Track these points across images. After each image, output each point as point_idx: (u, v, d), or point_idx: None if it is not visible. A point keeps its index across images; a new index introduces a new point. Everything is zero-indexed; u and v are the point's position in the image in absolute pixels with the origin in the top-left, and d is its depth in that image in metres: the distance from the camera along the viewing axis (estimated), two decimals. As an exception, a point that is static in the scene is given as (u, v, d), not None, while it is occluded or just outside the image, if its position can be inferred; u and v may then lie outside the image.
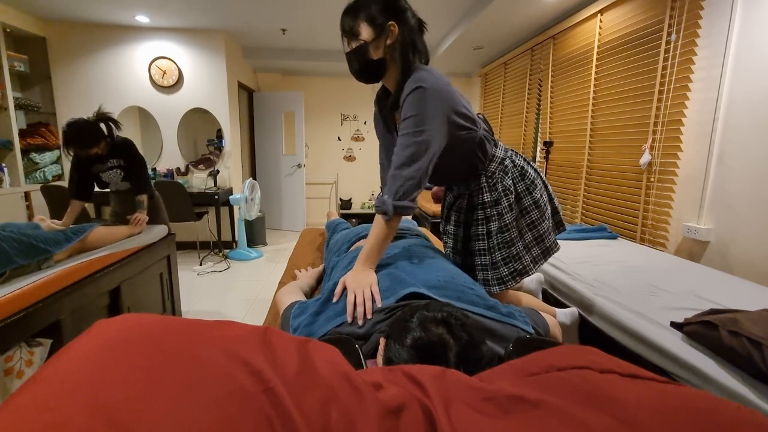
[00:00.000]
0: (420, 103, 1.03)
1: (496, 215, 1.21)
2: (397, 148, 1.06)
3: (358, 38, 1.08)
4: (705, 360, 1.00)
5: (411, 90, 1.03)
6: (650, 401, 0.44)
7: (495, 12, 3.06)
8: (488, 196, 1.22)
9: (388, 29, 1.07)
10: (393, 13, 1.07)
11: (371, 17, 1.06)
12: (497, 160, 1.23)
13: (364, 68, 1.12)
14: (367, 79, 1.16)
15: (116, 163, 2.19)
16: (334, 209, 5.93)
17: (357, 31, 1.08)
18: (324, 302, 0.95)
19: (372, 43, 1.08)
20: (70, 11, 3.54)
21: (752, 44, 1.75)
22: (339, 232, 1.76)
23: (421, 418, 0.44)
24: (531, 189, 1.24)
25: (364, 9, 1.07)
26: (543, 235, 1.27)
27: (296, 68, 5.22)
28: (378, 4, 1.07)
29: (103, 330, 0.45)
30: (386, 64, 1.11)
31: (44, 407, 0.34)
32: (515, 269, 1.23)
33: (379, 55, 1.09)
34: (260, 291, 3.25)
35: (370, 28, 1.07)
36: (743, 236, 1.80)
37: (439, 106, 1.04)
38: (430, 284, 0.93)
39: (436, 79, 1.06)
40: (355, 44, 1.09)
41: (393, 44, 1.08)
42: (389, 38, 1.08)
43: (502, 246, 1.22)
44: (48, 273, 1.50)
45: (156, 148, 4.28)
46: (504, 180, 1.21)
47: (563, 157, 3.25)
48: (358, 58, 1.11)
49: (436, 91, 1.03)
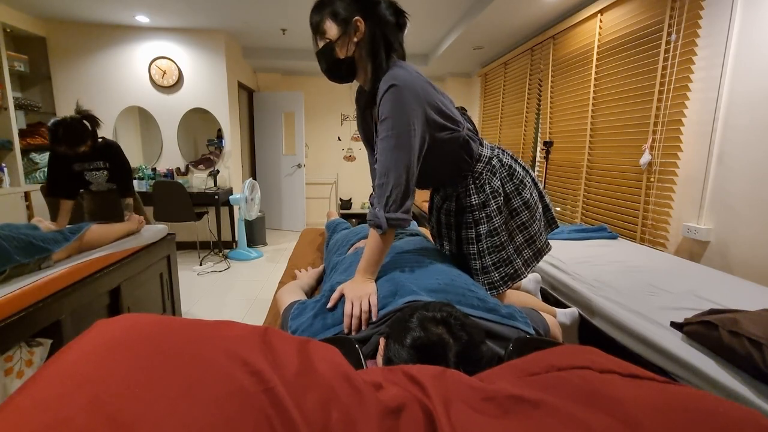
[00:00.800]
0: (395, 102, 0.97)
1: (485, 218, 1.16)
2: (378, 153, 1.01)
3: (324, 36, 1.03)
4: (705, 360, 1.00)
5: (385, 89, 0.98)
6: (650, 401, 0.44)
7: (495, 12, 3.06)
8: (476, 199, 1.17)
9: (353, 25, 1.01)
10: (360, 8, 1.01)
11: (335, 13, 1.01)
12: (484, 159, 1.17)
13: (332, 68, 1.07)
14: (339, 79, 1.11)
15: (103, 165, 2.21)
16: (334, 209, 5.93)
17: (323, 28, 1.03)
18: (323, 305, 0.95)
19: (337, 42, 1.02)
20: (70, 11, 3.54)
21: (752, 44, 1.75)
22: (339, 232, 1.76)
23: (421, 418, 0.44)
24: (520, 189, 1.19)
25: (329, 5, 1.01)
26: (534, 236, 1.23)
27: (296, 68, 5.23)
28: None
29: (103, 330, 0.45)
30: (355, 63, 1.05)
31: (44, 407, 0.34)
32: (506, 274, 1.20)
33: (346, 54, 1.04)
34: (260, 291, 3.25)
35: (334, 25, 1.01)
36: (743, 236, 1.80)
37: (416, 104, 0.98)
38: (430, 288, 0.92)
39: (411, 76, 1.00)
40: (322, 43, 1.04)
41: (360, 41, 1.02)
42: (356, 35, 1.02)
43: (492, 250, 1.18)
44: (48, 273, 1.50)
45: (156, 148, 4.28)
46: (492, 181, 1.16)
47: (563, 157, 3.25)
48: (325, 57, 1.05)
49: (411, 88, 0.98)
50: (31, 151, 3.70)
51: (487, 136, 4.98)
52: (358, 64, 1.06)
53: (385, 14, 1.03)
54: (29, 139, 3.66)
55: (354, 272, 1.03)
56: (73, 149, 2.02)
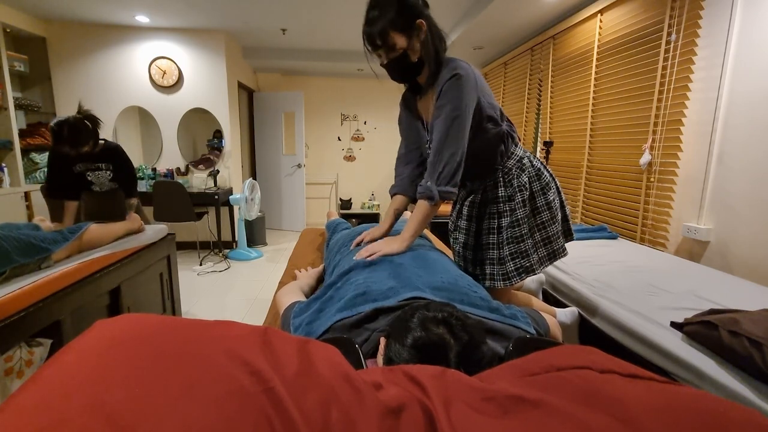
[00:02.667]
0: (458, 88, 1.08)
1: (509, 210, 1.23)
2: (436, 132, 1.11)
3: (395, 48, 1.11)
4: (705, 360, 1.00)
5: (449, 77, 1.09)
6: (650, 401, 0.44)
7: (495, 12, 3.06)
8: (503, 191, 1.23)
9: (418, 28, 1.10)
10: (415, 12, 1.10)
11: (395, 23, 1.08)
12: (516, 157, 1.25)
13: (406, 74, 1.18)
14: (408, 80, 1.23)
15: (106, 166, 2.21)
16: (334, 209, 5.93)
17: (391, 42, 1.10)
18: (325, 301, 0.95)
19: (409, 49, 1.11)
20: (70, 11, 3.54)
21: (752, 44, 1.75)
22: (339, 232, 1.76)
23: (421, 418, 0.44)
24: (545, 190, 1.25)
25: (385, 17, 1.08)
26: (551, 237, 1.27)
27: (296, 68, 5.22)
28: (395, 7, 1.07)
29: (103, 330, 0.45)
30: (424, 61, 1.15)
31: (44, 407, 0.34)
32: (521, 266, 1.23)
33: (417, 56, 1.13)
34: (260, 291, 3.25)
35: (400, 35, 1.10)
36: (743, 236, 1.80)
37: (474, 93, 1.11)
38: (433, 286, 0.93)
39: (470, 68, 1.13)
40: (393, 54, 1.12)
41: (425, 41, 1.12)
42: (420, 36, 1.11)
43: (512, 241, 1.23)
44: (48, 273, 1.50)
45: (156, 148, 4.28)
46: (520, 177, 1.23)
47: (563, 157, 3.25)
48: (400, 66, 1.15)
49: (471, 79, 1.10)
50: (31, 151, 3.70)
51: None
52: (425, 60, 1.14)
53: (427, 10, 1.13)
54: (29, 139, 3.66)
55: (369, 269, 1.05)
56: (76, 149, 2.01)
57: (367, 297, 0.90)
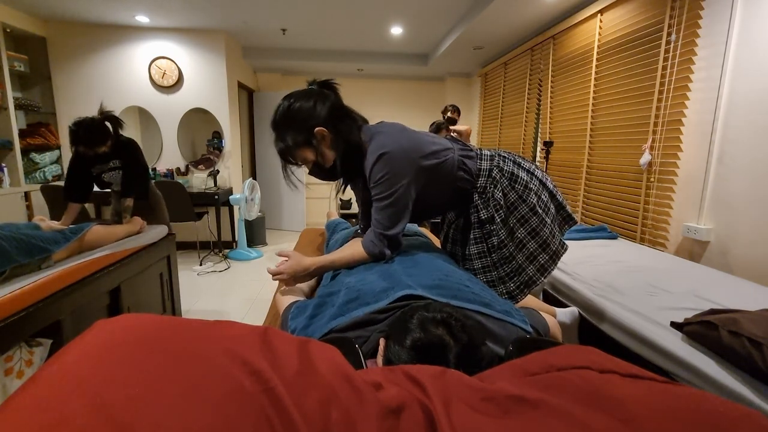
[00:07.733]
0: (387, 167, 1.03)
1: (492, 232, 1.19)
2: (375, 212, 1.09)
3: (307, 162, 1.10)
4: (705, 360, 1.00)
5: (375, 159, 1.04)
6: (650, 401, 0.44)
7: (495, 12, 3.06)
8: (484, 213, 1.19)
9: (318, 136, 1.06)
10: (311, 123, 1.05)
11: (302, 142, 1.06)
12: (484, 173, 1.19)
13: (329, 175, 1.16)
14: (336, 177, 1.19)
15: (117, 164, 2.19)
16: (334, 209, 5.93)
17: (301, 158, 1.10)
18: (318, 306, 0.95)
19: (320, 156, 1.09)
20: (70, 11, 3.54)
21: (752, 44, 1.75)
22: (339, 232, 1.76)
23: (421, 418, 0.44)
24: (525, 196, 1.18)
25: (286, 140, 1.07)
26: (547, 240, 1.21)
27: (296, 68, 5.22)
28: (291, 126, 1.06)
29: (103, 330, 0.45)
30: (340, 158, 1.10)
31: (44, 407, 0.34)
32: (521, 282, 1.21)
33: (332, 158, 1.10)
34: (260, 291, 3.25)
35: (307, 149, 1.07)
36: (743, 236, 1.80)
37: (406, 163, 1.06)
38: (425, 284, 0.92)
39: (393, 137, 1.07)
40: (309, 165, 1.12)
41: (333, 142, 1.08)
42: (327, 141, 1.08)
43: (504, 262, 1.20)
44: (48, 273, 1.50)
45: (156, 148, 4.28)
46: (494, 193, 1.18)
47: (563, 157, 3.25)
48: (320, 174, 1.15)
49: (399, 150, 1.05)
50: (31, 151, 3.70)
51: (487, 136, 4.98)
52: (341, 159, 1.10)
53: (327, 106, 1.07)
54: (29, 139, 3.66)
55: (361, 271, 1.05)
56: (92, 149, 2.00)
57: (360, 301, 0.89)
